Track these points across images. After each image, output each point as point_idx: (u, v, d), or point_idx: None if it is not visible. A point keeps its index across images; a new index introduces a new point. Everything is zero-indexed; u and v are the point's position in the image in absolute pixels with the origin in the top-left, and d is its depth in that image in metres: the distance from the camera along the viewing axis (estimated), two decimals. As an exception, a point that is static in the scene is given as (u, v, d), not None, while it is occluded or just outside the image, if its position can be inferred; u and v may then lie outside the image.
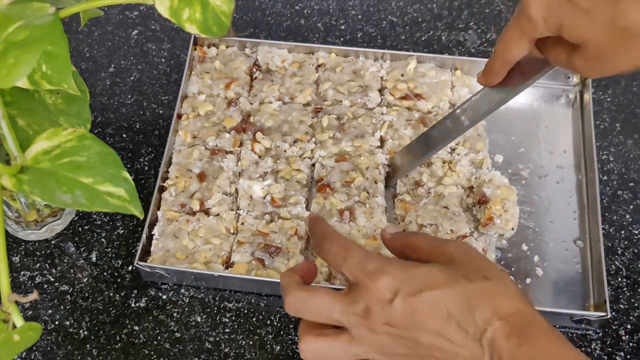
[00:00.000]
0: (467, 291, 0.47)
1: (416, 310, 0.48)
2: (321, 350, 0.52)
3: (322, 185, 0.68)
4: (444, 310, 0.47)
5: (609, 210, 0.70)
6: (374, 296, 0.49)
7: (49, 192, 0.45)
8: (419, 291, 0.48)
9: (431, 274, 0.49)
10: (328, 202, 0.67)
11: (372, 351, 0.51)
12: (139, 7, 0.84)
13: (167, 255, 0.65)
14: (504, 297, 0.47)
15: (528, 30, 0.52)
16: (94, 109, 0.76)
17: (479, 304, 0.47)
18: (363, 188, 0.68)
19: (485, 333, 0.46)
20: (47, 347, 0.63)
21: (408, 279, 0.49)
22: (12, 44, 0.42)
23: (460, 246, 0.53)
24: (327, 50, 0.77)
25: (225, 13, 0.47)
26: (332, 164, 0.70)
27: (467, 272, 0.49)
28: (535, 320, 0.47)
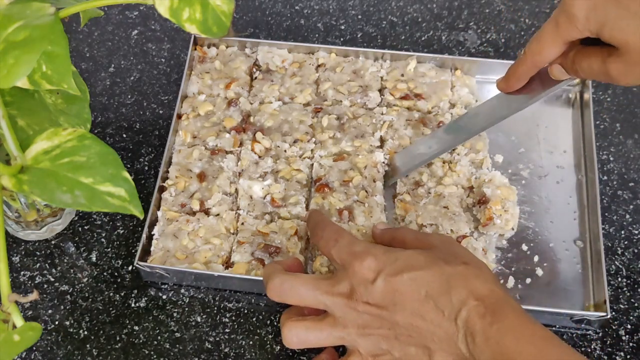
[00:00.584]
0: (445, 273, 0.51)
1: (396, 290, 0.51)
2: (305, 334, 0.54)
3: (320, 185, 0.68)
4: (423, 290, 0.50)
5: (609, 210, 0.70)
6: (358, 276, 0.52)
7: (49, 192, 0.45)
8: (399, 272, 0.51)
9: (413, 257, 0.53)
10: (327, 201, 0.67)
11: (354, 333, 0.53)
12: (139, 7, 0.84)
13: (167, 255, 0.65)
14: (479, 280, 0.51)
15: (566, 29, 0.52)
16: (94, 109, 0.76)
17: (456, 285, 0.50)
18: (362, 187, 0.68)
19: (461, 312, 0.49)
20: (47, 347, 0.63)
21: (391, 260, 0.52)
22: (12, 44, 0.42)
23: (443, 237, 0.57)
24: (327, 50, 0.77)
25: (225, 13, 0.47)
26: (330, 163, 0.69)
27: (446, 257, 0.53)
28: (508, 301, 0.50)
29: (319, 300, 0.54)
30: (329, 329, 0.54)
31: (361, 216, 0.66)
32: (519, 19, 0.84)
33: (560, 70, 0.57)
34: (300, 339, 0.55)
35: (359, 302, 0.52)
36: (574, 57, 0.54)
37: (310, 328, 0.55)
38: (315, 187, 0.68)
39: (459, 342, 0.49)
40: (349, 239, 0.56)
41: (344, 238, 0.56)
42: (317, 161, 0.70)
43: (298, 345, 0.55)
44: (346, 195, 0.67)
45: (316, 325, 0.54)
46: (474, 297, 0.49)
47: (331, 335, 0.54)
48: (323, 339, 0.55)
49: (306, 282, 0.55)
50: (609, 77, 0.52)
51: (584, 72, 0.54)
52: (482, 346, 0.48)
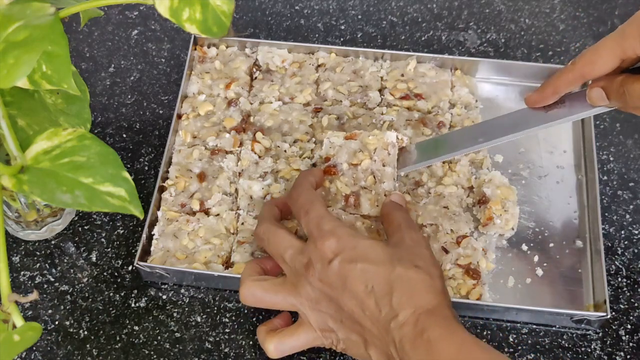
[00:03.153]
0: (394, 275, 0.52)
1: (347, 276, 0.53)
2: (261, 295, 0.57)
3: (328, 167, 0.65)
4: (369, 284, 0.52)
5: (609, 210, 0.70)
6: (318, 253, 0.54)
7: (49, 192, 0.45)
8: (354, 260, 0.53)
9: (371, 248, 0.54)
10: (333, 186, 0.65)
11: (306, 305, 0.56)
12: (139, 7, 0.84)
13: (167, 255, 0.65)
14: (424, 287, 0.52)
15: (630, 41, 0.52)
16: (94, 109, 0.76)
17: (399, 289, 0.52)
18: (370, 172, 0.65)
19: (397, 317, 0.51)
20: (47, 347, 0.63)
21: (351, 246, 0.54)
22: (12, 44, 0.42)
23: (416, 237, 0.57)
24: (327, 50, 0.77)
25: (225, 13, 0.47)
26: (341, 141, 0.66)
27: (403, 257, 0.54)
28: (443, 311, 0.52)
29: (285, 259, 0.57)
30: (284, 294, 0.56)
31: (367, 204, 0.64)
32: (519, 19, 0.84)
33: (599, 95, 0.55)
34: (256, 298, 0.57)
35: (314, 278, 0.54)
36: (623, 80, 0.53)
37: (267, 290, 0.57)
38: (324, 168, 0.66)
39: (389, 345, 0.51)
40: (320, 212, 0.57)
41: (315, 210, 0.57)
42: (327, 138, 0.67)
43: (253, 303, 0.58)
44: (354, 180, 0.65)
45: (273, 288, 0.57)
46: (412, 304, 0.51)
47: (285, 300, 0.57)
48: (277, 302, 0.57)
49: (284, 237, 0.58)
50: None
51: (632, 97, 0.53)
52: (410, 353, 0.50)
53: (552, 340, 0.64)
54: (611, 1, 0.86)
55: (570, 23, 0.84)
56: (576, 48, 0.82)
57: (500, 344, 0.63)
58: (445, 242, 0.66)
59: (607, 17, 0.84)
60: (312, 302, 0.56)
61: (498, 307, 0.63)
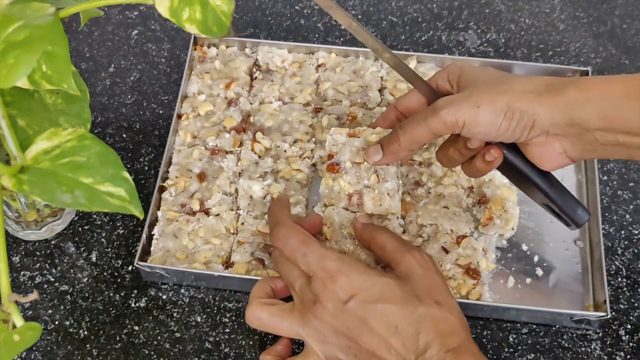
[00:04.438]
0: (417, 314, 0.52)
1: (367, 317, 0.52)
2: (267, 320, 0.57)
3: (331, 164, 0.64)
4: (392, 325, 0.52)
5: (609, 210, 0.70)
6: (329, 294, 0.53)
7: (49, 192, 0.45)
8: (374, 301, 0.53)
9: (388, 287, 0.54)
10: (336, 184, 0.64)
11: (313, 337, 0.55)
12: (139, 7, 0.84)
13: (167, 255, 0.65)
14: (448, 325, 0.53)
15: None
16: (94, 109, 0.76)
17: (425, 328, 0.52)
18: (373, 170, 0.64)
19: (424, 355, 0.51)
20: (47, 347, 0.63)
21: (366, 285, 0.53)
22: (12, 44, 0.42)
23: (420, 259, 0.57)
24: (327, 50, 0.77)
25: (225, 13, 0.47)
26: (344, 139, 0.65)
27: (421, 293, 0.54)
28: (470, 348, 0.53)
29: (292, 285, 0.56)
30: (290, 322, 0.56)
31: (370, 202, 0.63)
32: (519, 19, 0.84)
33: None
34: (262, 323, 0.57)
35: (324, 315, 0.53)
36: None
37: (274, 315, 0.56)
38: (327, 166, 0.64)
39: None
40: (318, 251, 0.55)
41: (312, 250, 0.56)
42: (330, 134, 0.66)
43: (258, 327, 0.58)
44: (357, 178, 0.64)
45: (280, 315, 0.56)
46: (439, 341, 0.51)
47: (291, 328, 0.56)
48: (283, 329, 0.56)
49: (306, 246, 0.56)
50: None
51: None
52: None
53: (552, 340, 0.64)
54: (611, 1, 0.86)
55: (570, 23, 0.84)
56: (576, 48, 0.82)
57: (500, 344, 0.63)
58: (445, 242, 0.66)
59: (607, 17, 0.84)
60: (319, 335, 0.55)
61: (498, 307, 0.63)
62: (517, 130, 0.54)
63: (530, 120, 0.53)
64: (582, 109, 0.52)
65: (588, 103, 0.52)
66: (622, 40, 0.82)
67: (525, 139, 0.54)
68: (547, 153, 0.55)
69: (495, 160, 0.57)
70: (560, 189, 0.59)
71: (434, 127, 0.55)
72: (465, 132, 0.55)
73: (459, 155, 0.59)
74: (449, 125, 0.54)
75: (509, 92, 0.54)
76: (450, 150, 0.59)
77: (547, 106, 0.53)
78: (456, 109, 0.54)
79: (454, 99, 0.55)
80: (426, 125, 0.56)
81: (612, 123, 0.51)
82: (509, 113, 0.53)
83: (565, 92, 0.53)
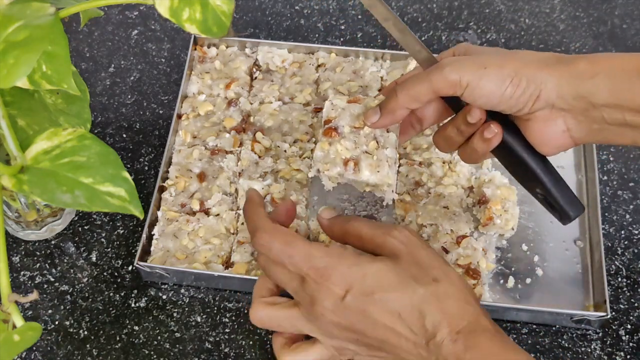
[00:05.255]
0: (418, 297, 0.50)
1: (367, 309, 0.50)
2: (269, 321, 0.55)
3: (328, 128, 0.61)
4: (396, 312, 0.50)
5: (609, 210, 0.70)
6: (324, 292, 0.51)
7: (49, 192, 0.45)
8: (371, 292, 0.51)
9: (381, 273, 0.51)
10: (333, 148, 0.60)
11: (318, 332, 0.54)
12: (139, 7, 0.84)
13: (167, 255, 0.65)
14: (452, 300, 0.50)
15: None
16: (94, 109, 0.76)
17: (429, 310, 0.49)
18: (373, 137, 0.60)
19: (435, 338, 0.49)
20: (47, 347, 0.63)
21: (359, 276, 0.51)
22: (12, 44, 0.42)
23: (403, 237, 0.53)
24: (327, 50, 0.77)
25: (225, 13, 0.47)
26: (344, 104, 0.61)
27: (416, 273, 0.51)
28: (481, 323, 0.50)
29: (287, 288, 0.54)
30: (293, 321, 0.54)
31: (367, 170, 0.60)
32: (519, 19, 0.84)
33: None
34: (265, 322, 0.55)
35: (325, 314, 0.52)
36: None
37: (277, 314, 0.54)
38: (323, 130, 0.61)
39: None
40: (303, 249, 0.53)
41: (298, 250, 0.53)
42: (329, 100, 0.62)
43: (262, 326, 0.56)
44: (355, 144, 0.60)
45: (283, 314, 0.54)
46: (447, 321, 0.49)
47: (295, 327, 0.54)
48: (287, 328, 0.55)
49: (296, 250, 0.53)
50: None
51: None
52: None
53: (552, 340, 0.64)
54: (611, 1, 0.86)
55: (570, 23, 0.84)
56: (576, 48, 0.82)
57: (500, 344, 0.63)
58: (445, 242, 0.66)
59: (607, 17, 0.84)
60: (325, 332, 0.53)
61: (498, 307, 0.63)
62: (521, 98, 0.52)
63: (537, 90, 0.51)
64: (591, 82, 0.50)
65: (598, 76, 0.50)
66: (622, 40, 0.82)
67: (529, 110, 0.52)
68: (549, 130, 0.53)
69: (495, 138, 0.54)
70: (557, 178, 0.56)
71: (436, 84, 0.53)
72: (467, 94, 0.52)
73: (457, 134, 0.56)
74: (452, 83, 0.52)
75: (517, 59, 0.52)
76: (449, 129, 0.57)
77: (556, 76, 0.51)
78: (461, 68, 0.52)
79: (461, 58, 0.54)
80: (428, 82, 0.53)
81: (621, 99, 0.50)
82: (516, 79, 0.51)
83: (575, 64, 0.51)
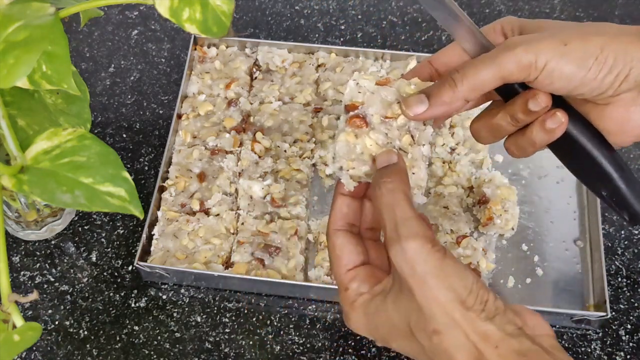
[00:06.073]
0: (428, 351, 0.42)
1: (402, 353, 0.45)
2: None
3: (354, 115, 0.48)
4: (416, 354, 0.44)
5: (609, 210, 0.70)
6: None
7: (49, 192, 0.45)
8: (387, 342, 0.45)
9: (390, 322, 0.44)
10: (360, 142, 0.47)
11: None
12: (139, 7, 0.84)
13: (167, 255, 0.65)
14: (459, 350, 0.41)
15: None
16: (94, 109, 0.76)
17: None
18: (407, 129, 0.48)
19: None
20: (47, 347, 0.63)
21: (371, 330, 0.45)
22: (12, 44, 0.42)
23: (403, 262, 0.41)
24: (327, 50, 0.77)
25: (225, 13, 0.47)
26: (372, 87, 0.48)
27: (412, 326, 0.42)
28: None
29: None
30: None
31: None
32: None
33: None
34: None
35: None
36: None
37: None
38: (348, 118, 0.48)
39: None
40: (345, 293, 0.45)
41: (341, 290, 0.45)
42: (354, 79, 0.49)
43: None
44: (387, 138, 0.47)
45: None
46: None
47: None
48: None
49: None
50: None
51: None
52: None
53: (552, 340, 0.64)
54: (611, 1, 0.86)
55: (570, 23, 0.84)
56: (576, 48, 0.82)
57: (500, 344, 0.63)
58: (445, 242, 0.66)
59: (607, 17, 0.84)
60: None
61: (498, 307, 0.63)
62: (606, 79, 0.44)
63: (626, 68, 0.43)
64: None
65: None
66: (622, 40, 0.82)
67: (613, 92, 0.45)
68: (632, 116, 0.45)
69: (559, 128, 0.46)
70: (629, 174, 0.47)
71: (506, 68, 0.44)
72: (542, 78, 0.44)
73: (510, 123, 0.47)
74: (525, 66, 0.44)
75: (601, 33, 0.44)
76: (499, 116, 0.47)
77: None
78: (537, 46, 0.44)
79: (532, 36, 0.45)
80: (495, 67, 0.44)
81: None
82: (602, 56, 0.43)
83: None
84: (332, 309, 0.65)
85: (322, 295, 0.65)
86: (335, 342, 0.64)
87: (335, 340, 0.64)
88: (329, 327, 0.64)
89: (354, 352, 0.63)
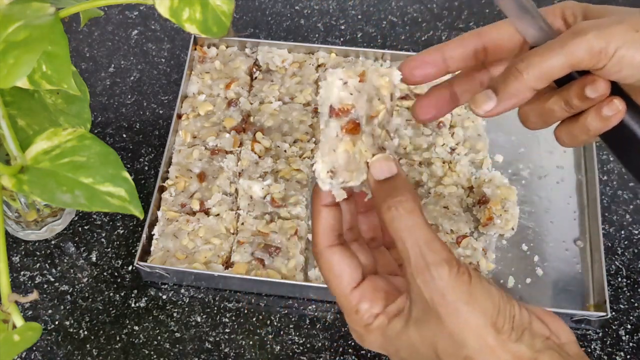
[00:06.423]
0: None
1: None
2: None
3: (352, 122, 0.43)
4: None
5: (609, 210, 0.70)
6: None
7: (49, 192, 0.45)
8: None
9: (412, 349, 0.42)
10: (357, 150, 0.43)
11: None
12: (139, 7, 0.84)
13: (167, 255, 0.65)
14: None
15: None
16: (94, 109, 0.76)
17: None
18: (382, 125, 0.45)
19: None
20: (47, 347, 0.63)
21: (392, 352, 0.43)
22: (12, 44, 0.42)
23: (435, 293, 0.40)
24: (327, 50, 0.77)
25: (225, 13, 0.47)
26: (357, 84, 0.43)
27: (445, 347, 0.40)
28: None
29: None
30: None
31: None
32: (519, 19, 0.84)
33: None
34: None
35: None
36: None
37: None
38: (345, 125, 0.43)
39: None
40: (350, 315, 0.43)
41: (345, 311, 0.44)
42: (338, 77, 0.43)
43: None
44: (372, 139, 0.44)
45: None
46: None
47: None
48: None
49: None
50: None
51: None
52: None
53: (552, 340, 0.64)
54: (611, 1, 0.86)
55: (570, 23, 0.84)
56: (576, 48, 0.82)
57: (500, 344, 0.63)
58: (445, 242, 0.66)
59: None
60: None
61: (498, 307, 0.63)
62: None
63: None
64: None
65: None
66: (622, 40, 0.82)
67: None
68: None
69: (616, 116, 0.43)
70: None
71: (576, 55, 0.42)
72: (610, 65, 0.42)
73: (563, 109, 0.45)
74: (595, 52, 0.42)
75: None
76: (551, 101, 0.45)
77: None
78: (608, 32, 0.42)
79: (601, 22, 0.43)
80: (564, 53, 0.42)
81: None
82: None
83: None
84: (332, 309, 0.65)
85: (322, 295, 0.65)
86: (335, 342, 0.64)
87: (335, 340, 0.64)
88: (329, 327, 0.64)
89: (354, 352, 0.63)
